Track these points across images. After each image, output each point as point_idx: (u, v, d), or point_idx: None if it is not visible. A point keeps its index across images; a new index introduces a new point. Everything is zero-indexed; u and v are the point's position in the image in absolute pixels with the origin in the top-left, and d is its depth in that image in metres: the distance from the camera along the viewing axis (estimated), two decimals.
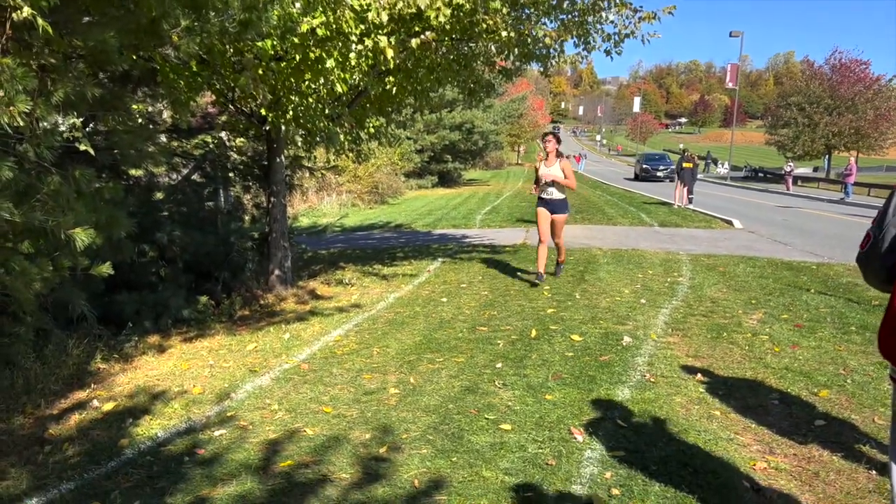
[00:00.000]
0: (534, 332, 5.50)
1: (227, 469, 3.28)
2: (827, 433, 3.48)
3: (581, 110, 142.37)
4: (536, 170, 7.72)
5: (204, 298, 6.44)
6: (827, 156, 40.28)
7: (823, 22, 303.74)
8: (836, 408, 3.80)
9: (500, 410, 3.87)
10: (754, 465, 3.13)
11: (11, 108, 2.97)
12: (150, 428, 3.85)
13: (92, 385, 4.63)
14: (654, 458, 3.19)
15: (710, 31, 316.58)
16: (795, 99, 39.90)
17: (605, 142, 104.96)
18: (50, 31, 3.09)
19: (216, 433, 3.72)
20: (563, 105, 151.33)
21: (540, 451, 3.32)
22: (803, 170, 44.03)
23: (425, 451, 3.36)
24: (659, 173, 36.27)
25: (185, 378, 4.75)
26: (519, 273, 8.39)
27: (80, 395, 4.47)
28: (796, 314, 6.06)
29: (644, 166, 37.81)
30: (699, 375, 4.38)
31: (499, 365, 4.70)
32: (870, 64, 38.92)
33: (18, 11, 3.01)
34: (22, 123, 3.03)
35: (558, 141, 7.58)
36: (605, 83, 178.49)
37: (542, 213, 7.55)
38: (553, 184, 7.43)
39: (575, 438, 3.45)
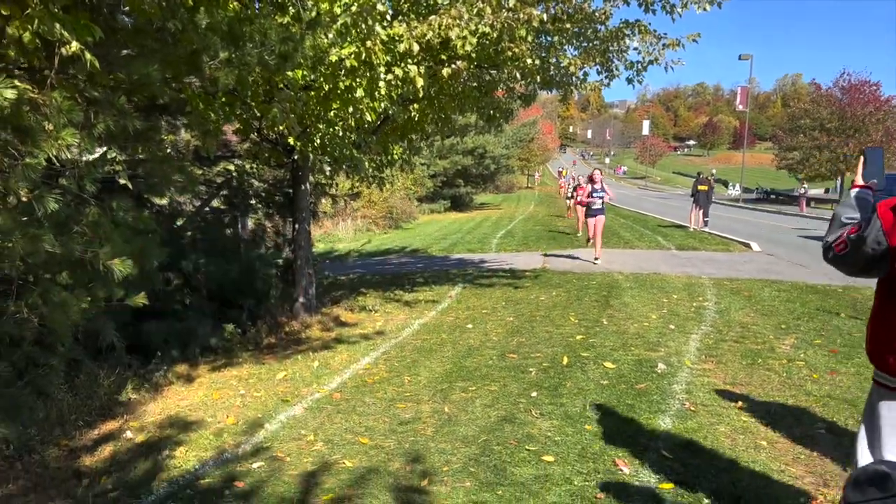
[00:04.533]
0: (565, 360, 5.44)
1: (268, 503, 3.23)
2: None
3: (589, 134, 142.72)
4: None
5: (230, 327, 6.42)
6: (840, 178, 40.10)
7: (831, 44, 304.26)
8: None
9: (541, 441, 3.80)
10: (814, 502, 3.05)
11: (59, 140, 2.99)
12: (186, 460, 3.81)
13: (123, 415, 4.60)
14: (706, 491, 3.11)
15: (717, 54, 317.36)
16: (804, 122, 39.83)
17: (622, 165, 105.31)
18: (97, 64, 3.11)
19: (253, 465, 3.68)
20: (570, 129, 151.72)
21: (586, 483, 3.25)
22: (815, 191, 43.85)
23: (469, 485, 3.29)
24: None
25: (216, 408, 4.71)
26: (543, 298, 8.34)
27: (112, 425, 4.45)
28: (829, 339, 5.97)
29: None
30: (739, 403, 4.30)
31: (534, 394, 4.63)
32: (880, 86, 38.82)
33: (67, 46, 3.04)
34: (70, 156, 3.05)
35: None
36: (612, 106, 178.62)
37: None
38: None
39: (621, 470, 3.38)
